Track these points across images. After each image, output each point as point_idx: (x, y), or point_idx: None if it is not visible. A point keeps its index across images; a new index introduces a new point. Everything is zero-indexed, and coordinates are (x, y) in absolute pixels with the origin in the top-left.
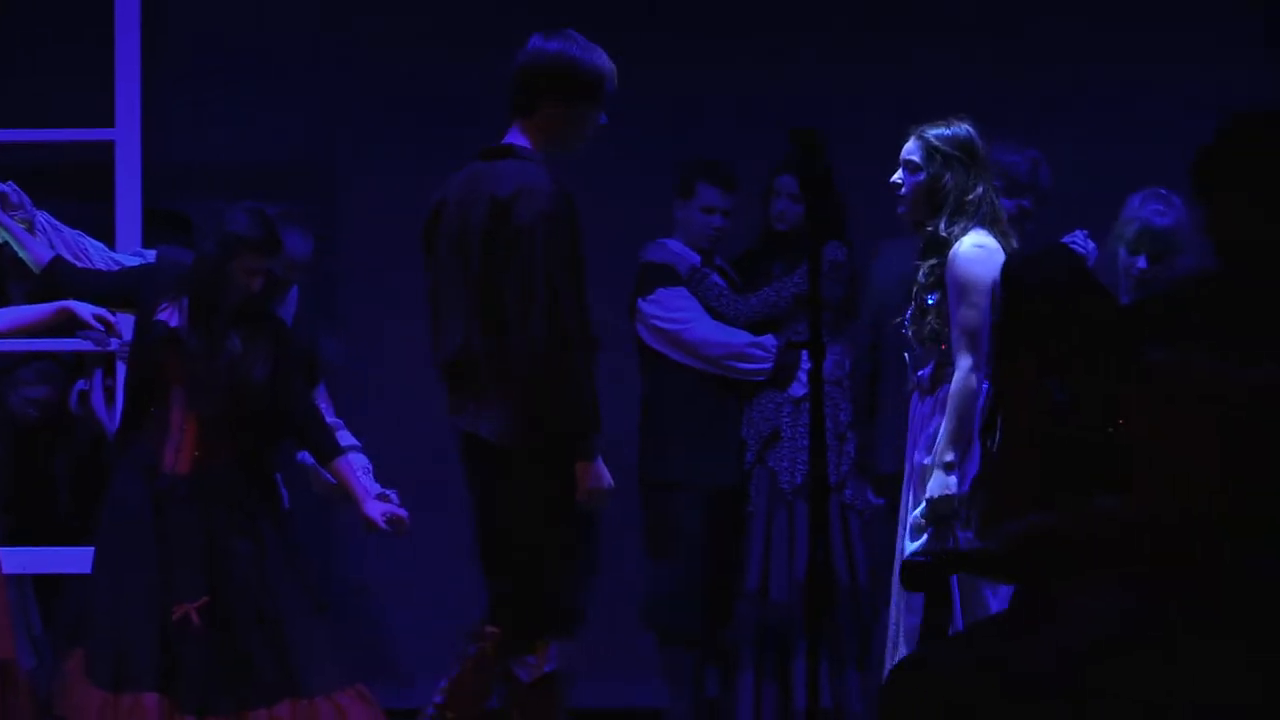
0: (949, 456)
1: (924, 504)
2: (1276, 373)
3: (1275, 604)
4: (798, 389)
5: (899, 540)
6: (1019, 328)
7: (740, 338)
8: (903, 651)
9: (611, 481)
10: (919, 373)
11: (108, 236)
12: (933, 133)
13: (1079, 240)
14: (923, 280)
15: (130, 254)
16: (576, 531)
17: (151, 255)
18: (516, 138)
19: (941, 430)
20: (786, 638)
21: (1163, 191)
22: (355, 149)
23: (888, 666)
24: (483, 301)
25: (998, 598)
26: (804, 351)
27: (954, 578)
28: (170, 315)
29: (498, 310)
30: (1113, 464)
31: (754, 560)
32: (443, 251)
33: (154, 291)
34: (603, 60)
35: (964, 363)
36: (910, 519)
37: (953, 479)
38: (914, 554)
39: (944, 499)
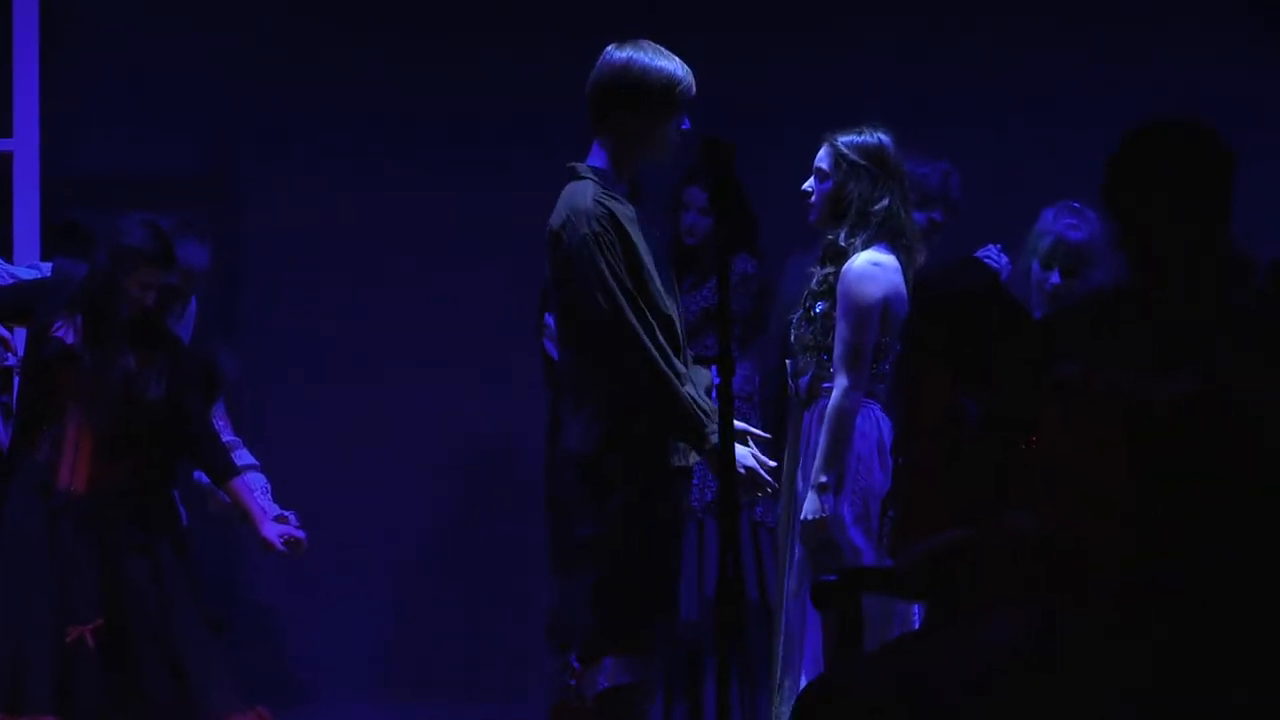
0: (823, 478)
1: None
2: (1189, 386)
3: (1185, 619)
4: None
5: (789, 560)
6: (930, 342)
7: None
8: (806, 671)
9: (755, 464)
10: (799, 380)
11: (4, 249)
12: (843, 139)
13: (992, 254)
14: (815, 287)
15: (26, 267)
16: (654, 548)
17: (48, 268)
18: (593, 154)
19: (818, 451)
20: (696, 657)
21: (1076, 205)
22: (257, 156)
23: (786, 686)
24: (562, 323)
25: (907, 617)
26: (713, 367)
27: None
28: (65, 331)
29: (575, 330)
30: (1025, 480)
31: None
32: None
33: (49, 306)
34: (674, 66)
35: (842, 381)
36: (845, 550)
37: (827, 500)
38: (825, 573)
39: (817, 522)
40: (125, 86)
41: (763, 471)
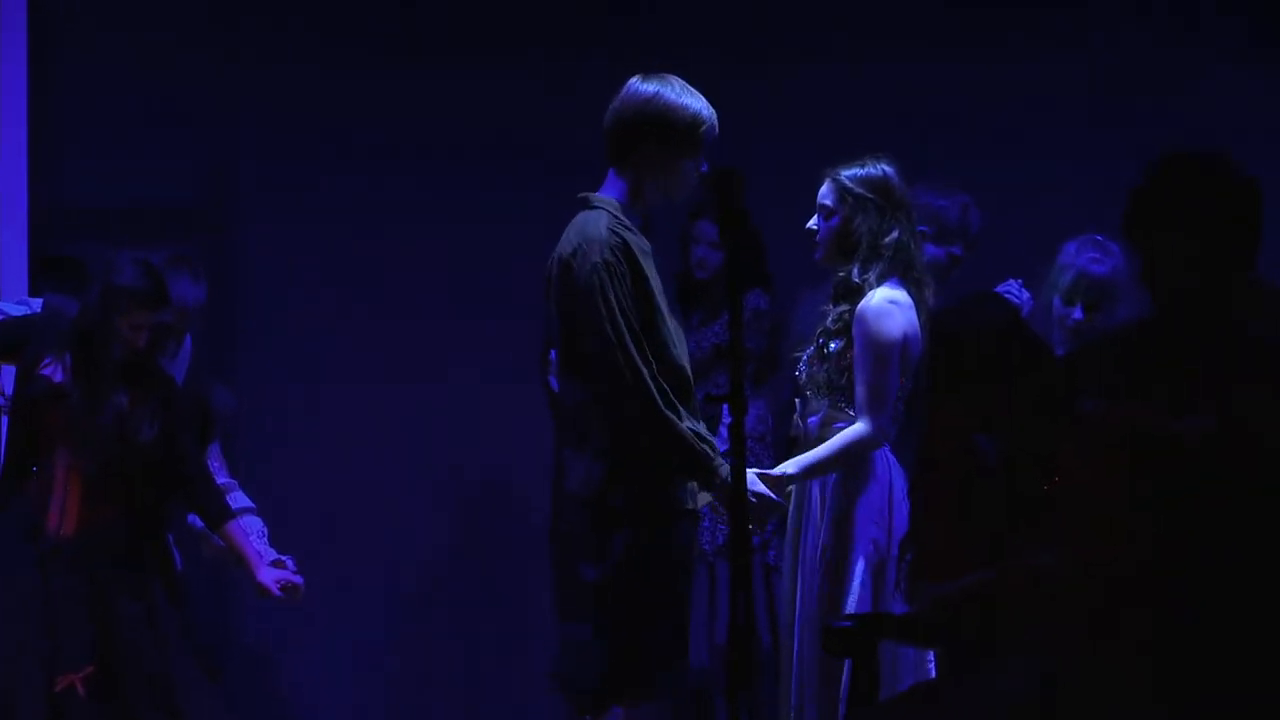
0: (792, 471)
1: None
2: (1211, 423)
3: (1206, 659)
4: (719, 445)
5: (798, 602)
6: (947, 380)
7: None
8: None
9: (764, 489)
10: (809, 419)
11: None
12: (846, 174)
13: (1013, 289)
14: (829, 325)
15: (15, 303)
16: (662, 592)
17: (38, 304)
18: (608, 185)
19: (813, 454)
20: (707, 704)
21: (1099, 238)
22: (251, 186)
23: None
24: (564, 356)
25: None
26: (725, 406)
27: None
28: (54, 370)
29: (576, 364)
30: (1045, 520)
31: None
32: (548, 309)
33: (38, 344)
34: (700, 105)
35: (864, 426)
36: (849, 602)
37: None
38: (839, 619)
39: (770, 504)
40: (115, 115)
41: (772, 494)
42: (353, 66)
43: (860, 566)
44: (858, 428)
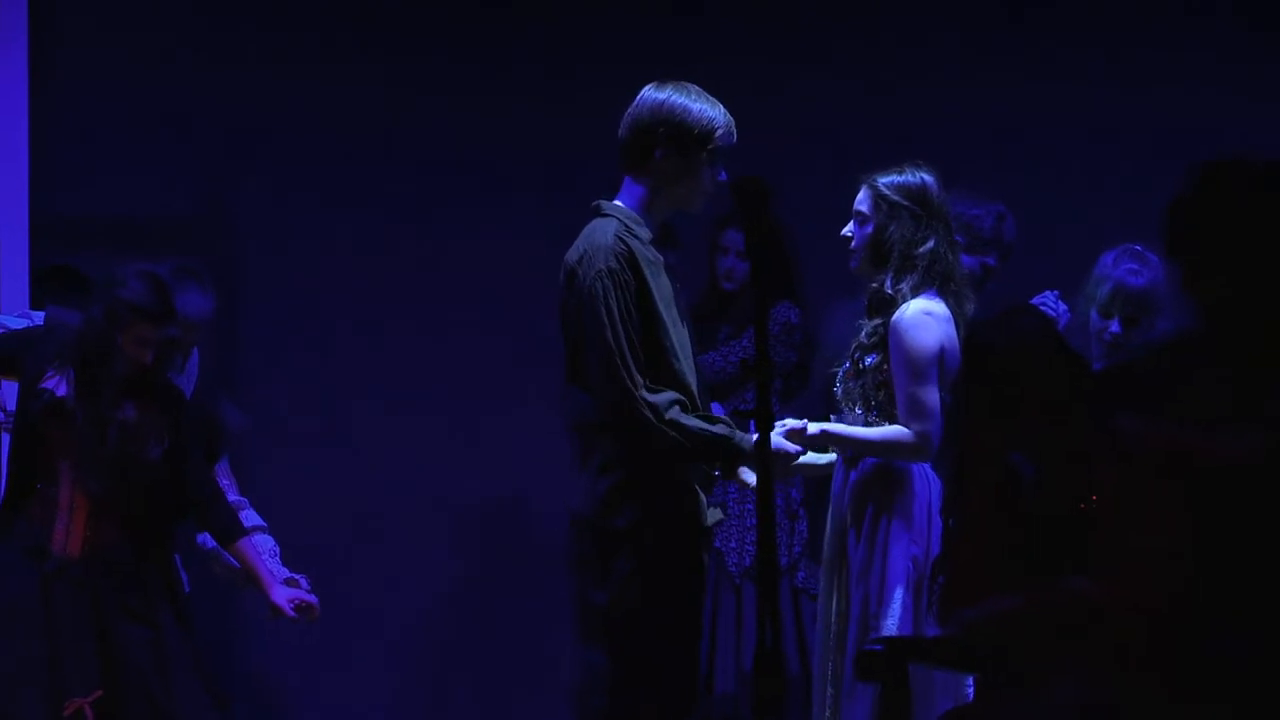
0: (831, 431)
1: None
2: (1258, 442)
3: (1250, 690)
4: None
5: (819, 627)
6: (982, 396)
7: None
8: None
9: (784, 445)
10: None
11: None
12: (883, 180)
13: (1049, 301)
14: (864, 340)
15: (16, 315)
16: (673, 618)
17: (39, 317)
18: (623, 193)
19: (855, 429)
20: None
21: (1137, 248)
22: (259, 193)
23: None
24: (569, 368)
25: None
26: (751, 422)
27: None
28: (56, 384)
29: (579, 376)
30: (1082, 542)
31: None
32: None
33: (39, 358)
34: (716, 111)
35: (908, 431)
36: (887, 624)
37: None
38: (869, 643)
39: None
40: (117, 122)
41: (789, 445)
42: (356, 74)
43: (900, 587)
44: (902, 429)
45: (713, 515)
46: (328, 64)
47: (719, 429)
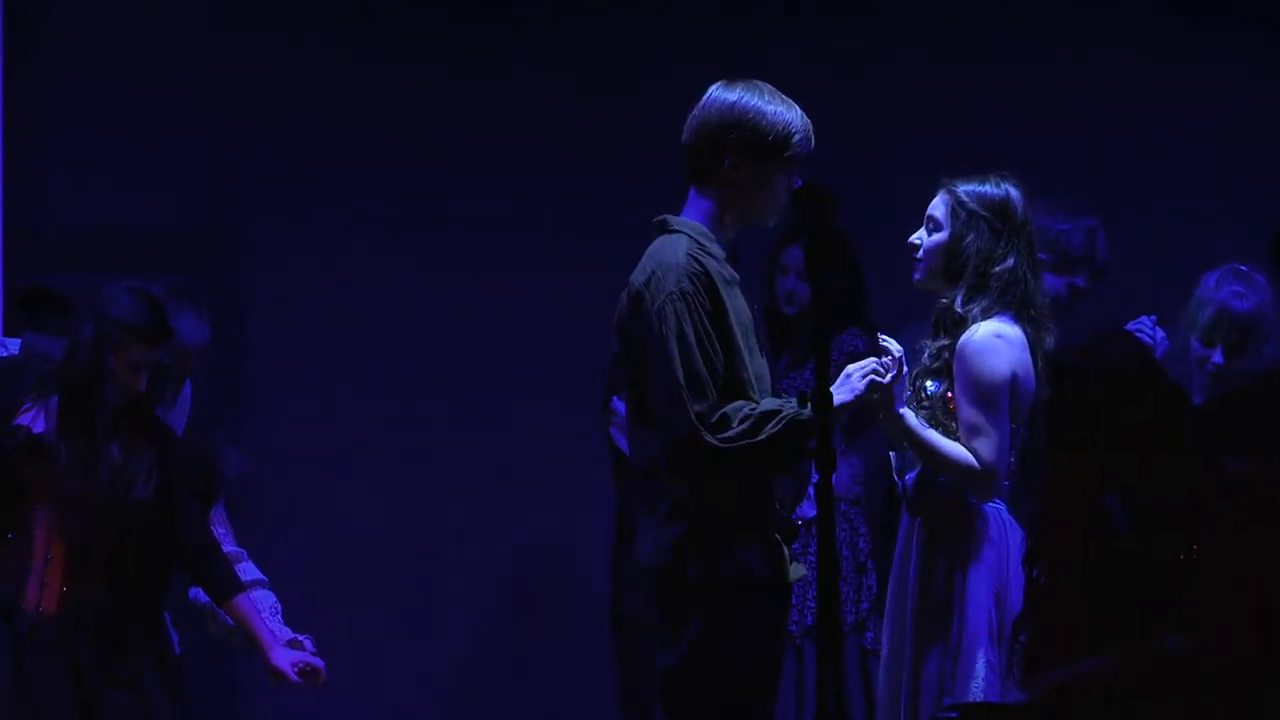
0: (905, 416)
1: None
2: None
3: None
4: (806, 508)
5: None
6: (1070, 432)
7: None
8: None
9: (856, 368)
10: (906, 476)
11: None
12: (964, 188)
13: (1146, 327)
14: (927, 363)
15: None
16: (746, 681)
17: (15, 345)
18: (689, 207)
19: (930, 432)
20: None
21: (1243, 269)
22: (255, 211)
23: None
24: (633, 403)
25: None
26: (811, 463)
27: None
28: (33, 418)
29: (646, 412)
30: (1182, 596)
31: None
32: (616, 349)
33: (14, 390)
34: (793, 114)
35: (974, 460)
36: (972, 687)
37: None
38: (944, 710)
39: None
40: (100, 133)
41: (863, 370)
42: (358, 83)
43: (981, 648)
44: (969, 456)
45: (795, 571)
46: (325, 71)
47: (768, 404)
